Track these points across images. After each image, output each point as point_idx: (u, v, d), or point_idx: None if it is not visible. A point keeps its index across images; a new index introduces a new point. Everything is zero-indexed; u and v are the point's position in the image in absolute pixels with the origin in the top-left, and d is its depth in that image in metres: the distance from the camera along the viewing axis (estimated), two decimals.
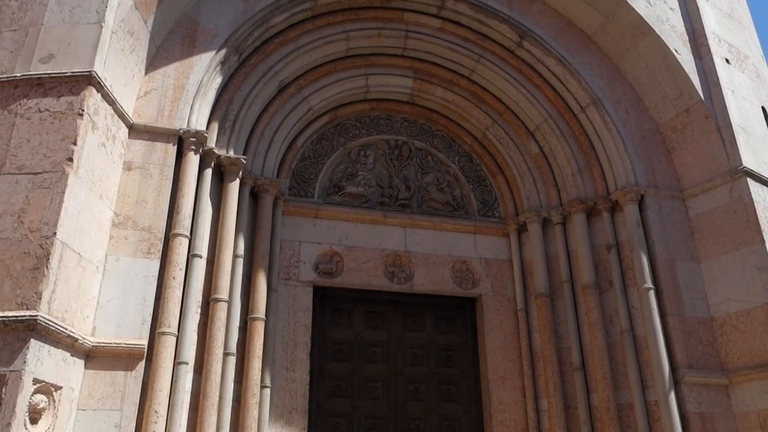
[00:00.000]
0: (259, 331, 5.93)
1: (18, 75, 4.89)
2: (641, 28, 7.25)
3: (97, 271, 4.91)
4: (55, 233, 4.35)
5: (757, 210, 6.36)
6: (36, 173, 4.56)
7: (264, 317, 6.03)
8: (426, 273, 7.09)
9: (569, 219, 7.15)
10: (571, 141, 7.35)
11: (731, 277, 6.38)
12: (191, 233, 5.59)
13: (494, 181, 7.79)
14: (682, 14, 7.49)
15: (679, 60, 7.12)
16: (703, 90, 7.03)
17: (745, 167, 6.56)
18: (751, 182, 6.53)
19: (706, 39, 7.25)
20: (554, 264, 7.11)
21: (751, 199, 6.41)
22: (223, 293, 5.67)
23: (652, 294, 6.38)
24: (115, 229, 5.17)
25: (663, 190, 6.94)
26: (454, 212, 7.53)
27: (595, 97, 7.23)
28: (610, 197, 6.97)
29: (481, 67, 7.52)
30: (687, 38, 7.36)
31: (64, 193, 4.49)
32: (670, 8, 7.47)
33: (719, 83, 7.00)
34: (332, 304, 6.92)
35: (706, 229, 6.70)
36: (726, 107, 6.89)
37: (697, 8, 7.45)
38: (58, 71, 4.91)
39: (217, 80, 6.19)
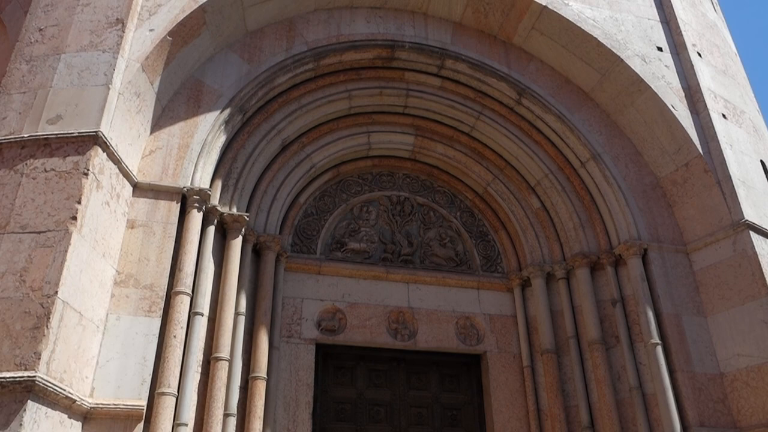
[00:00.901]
0: (260, 390, 5.82)
1: (25, 136, 4.98)
2: (638, 85, 7.39)
3: (98, 331, 4.86)
4: (56, 292, 4.34)
5: (761, 263, 6.33)
6: (39, 232, 4.58)
7: (265, 376, 5.93)
8: (430, 329, 7.01)
9: (573, 274, 7.12)
10: (572, 196, 7.38)
11: (739, 331, 6.29)
12: (193, 291, 5.56)
13: (497, 236, 7.79)
14: (677, 71, 7.65)
15: (677, 115, 7.23)
16: (701, 144, 7.10)
17: (747, 220, 6.56)
18: (754, 235, 6.52)
19: (702, 95, 7.38)
20: (559, 319, 7.03)
21: (755, 252, 6.39)
22: (224, 352, 5.60)
23: (659, 350, 6.28)
24: (116, 288, 5.15)
25: (666, 244, 6.93)
26: (457, 267, 7.50)
27: (595, 152, 7.31)
28: (613, 251, 6.96)
29: (481, 123, 7.64)
30: (683, 94, 7.49)
31: (66, 251, 4.50)
32: (666, 66, 7.63)
33: (717, 138, 7.08)
34: (335, 362, 6.81)
35: (712, 283, 6.65)
36: (725, 161, 6.94)
37: (692, 65, 7.61)
38: (65, 132, 5.00)
39: (221, 139, 6.28)
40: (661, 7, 8.21)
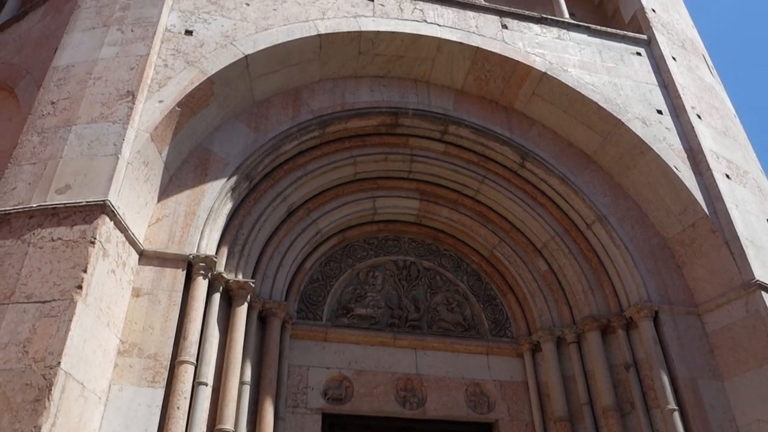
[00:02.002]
0: None
1: (34, 205, 5.02)
2: (640, 147, 7.47)
3: (100, 402, 4.75)
4: (59, 363, 4.27)
5: None
6: (44, 302, 4.55)
7: None
8: (439, 397, 6.84)
9: (584, 337, 6.99)
10: (580, 258, 7.34)
11: (758, 395, 6.11)
12: (197, 360, 5.46)
13: (505, 300, 7.70)
14: (678, 133, 7.74)
15: (680, 176, 7.26)
16: (706, 205, 7.10)
17: (758, 281, 6.48)
18: (766, 296, 6.42)
19: (705, 156, 7.44)
20: (572, 385, 6.85)
21: None
22: (228, 423, 5.44)
23: (677, 416, 6.08)
24: (120, 357, 5.07)
25: (677, 306, 6.82)
26: (466, 332, 7.38)
27: (601, 214, 7.31)
28: (623, 314, 6.85)
29: (485, 187, 7.69)
30: (685, 156, 7.55)
31: (71, 321, 4.45)
32: (666, 128, 7.73)
33: (722, 198, 7.09)
34: None
35: (726, 345, 6.50)
36: (731, 221, 6.92)
37: (692, 127, 7.70)
38: (73, 201, 5.04)
39: (228, 206, 6.32)
40: (658, 72, 8.39)
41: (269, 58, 6.89)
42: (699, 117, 7.93)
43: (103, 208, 5.02)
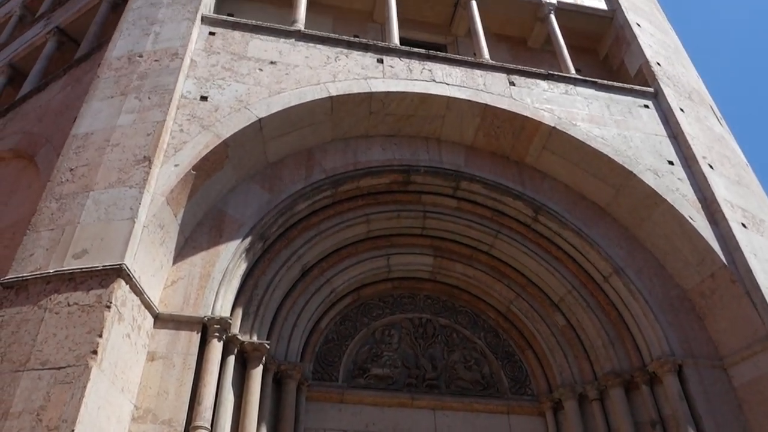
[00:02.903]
0: None
1: (51, 271, 5.05)
2: (653, 198, 7.45)
3: None
4: (72, 431, 4.20)
5: None
6: (59, 368, 4.52)
7: None
8: None
9: (606, 394, 6.80)
10: (598, 311, 7.22)
11: None
12: (212, 425, 5.36)
13: (523, 357, 7.55)
14: (690, 184, 7.72)
15: (696, 227, 7.20)
16: (724, 255, 7.01)
17: None
18: None
19: (719, 205, 7.39)
20: None
21: None
22: None
23: None
24: (134, 424, 4.98)
25: (702, 359, 6.65)
26: (485, 391, 7.22)
27: (617, 266, 7.23)
28: (646, 369, 6.68)
29: (499, 242, 7.66)
30: (699, 206, 7.51)
31: (85, 387, 4.41)
32: (678, 179, 7.72)
33: (740, 247, 7.00)
34: None
35: (754, 400, 6.29)
36: (751, 270, 6.81)
37: (705, 177, 7.68)
38: (89, 266, 5.07)
39: (243, 267, 6.33)
40: (667, 123, 8.45)
41: (282, 121, 7.03)
42: (711, 167, 7.92)
43: (119, 272, 5.04)
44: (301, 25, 8.30)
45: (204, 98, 6.85)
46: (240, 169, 6.81)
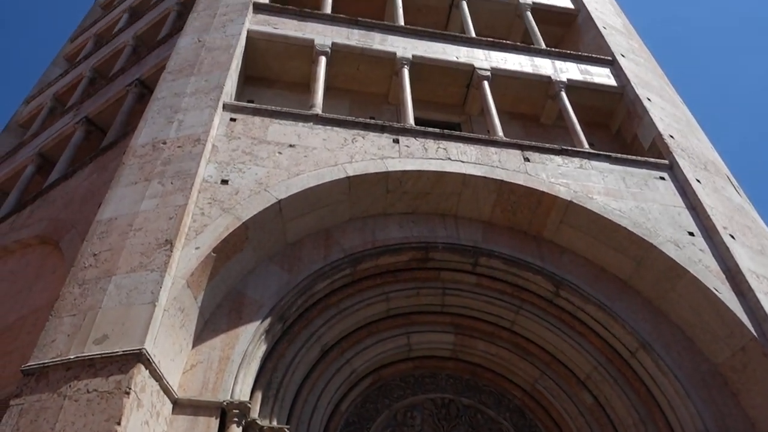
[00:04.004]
0: None
1: (71, 357, 5.05)
2: (675, 270, 7.35)
3: None
4: None
5: None
6: None
7: None
8: None
9: None
10: (626, 388, 7.00)
11: None
12: None
13: None
14: (713, 254, 7.62)
15: (722, 298, 7.06)
16: (754, 327, 6.83)
17: None
18: None
19: (744, 276, 7.25)
20: None
21: None
22: None
23: None
24: None
25: None
26: None
27: (644, 341, 7.05)
28: None
29: (521, 318, 7.55)
30: (724, 277, 7.38)
31: None
32: (700, 250, 7.63)
33: None
34: None
35: None
36: None
37: (727, 248, 7.59)
38: (109, 351, 5.07)
39: (262, 348, 6.28)
40: (684, 194, 8.44)
41: (301, 202, 7.15)
42: (732, 237, 7.84)
43: (138, 357, 5.03)
44: (318, 109, 8.58)
45: (225, 182, 7.01)
46: (259, 251, 6.88)
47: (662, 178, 8.66)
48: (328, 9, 11.06)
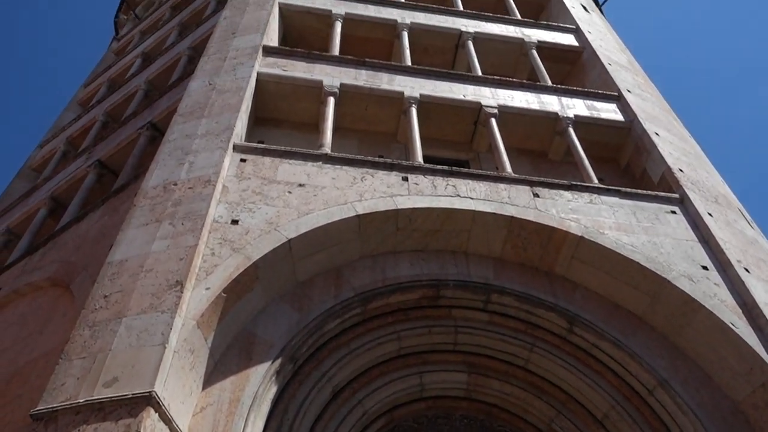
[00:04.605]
0: None
1: (81, 401, 5.00)
2: (690, 305, 7.24)
3: None
4: None
5: None
6: None
7: None
8: None
9: None
10: (646, 428, 6.83)
11: None
12: None
13: None
14: (728, 288, 7.51)
15: (739, 333, 6.93)
16: None
17: None
18: None
19: (761, 310, 7.13)
20: None
21: None
22: None
23: None
24: None
25: None
26: None
27: (661, 378, 6.91)
28: None
29: (535, 356, 7.44)
30: (740, 311, 7.26)
31: None
32: (715, 284, 7.53)
33: None
34: None
35: None
36: None
37: (742, 281, 7.49)
38: (119, 394, 5.01)
39: (272, 390, 6.20)
40: (696, 228, 8.37)
41: (311, 241, 7.15)
42: (747, 270, 7.74)
43: (148, 400, 4.97)
44: (327, 148, 8.65)
45: (235, 222, 7.04)
46: (270, 290, 6.86)
47: (673, 212, 8.61)
48: (336, 51, 11.25)
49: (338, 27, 12.06)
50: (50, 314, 7.50)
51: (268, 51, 10.47)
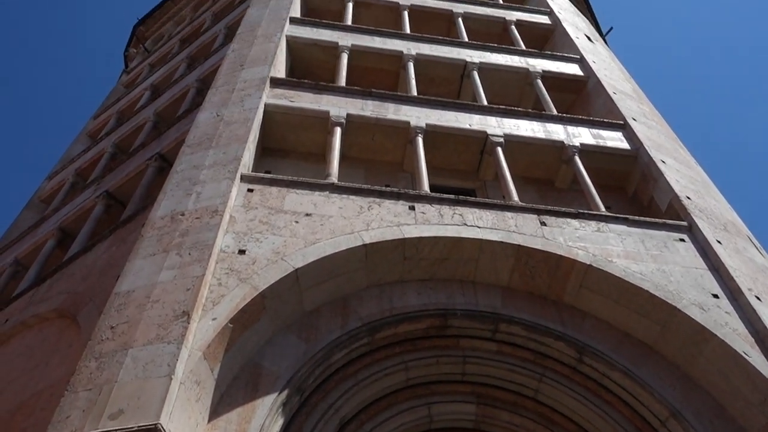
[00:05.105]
0: None
1: None
2: (702, 334, 7.15)
3: None
4: None
5: None
6: None
7: None
8: None
9: None
10: None
11: None
12: None
13: None
14: (740, 317, 7.42)
15: (752, 362, 6.82)
16: None
17: None
18: None
19: None
20: None
21: None
22: None
23: None
24: None
25: None
26: None
27: (673, 409, 6.79)
28: None
29: (544, 386, 7.34)
30: (753, 340, 7.16)
31: None
32: (726, 312, 7.45)
33: None
34: None
35: None
36: None
37: (754, 310, 7.40)
38: (125, 427, 4.96)
39: (279, 422, 6.13)
40: (706, 256, 8.31)
41: (318, 270, 7.13)
42: (758, 298, 7.66)
43: None
44: (334, 178, 8.68)
45: (242, 252, 7.04)
46: (276, 320, 6.82)
47: (682, 240, 8.56)
48: (342, 82, 11.37)
49: (345, 58, 12.21)
50: (56, 346, 7.47)
51: (276, 82, 10.59)
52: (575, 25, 15.76)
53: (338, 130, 9.88)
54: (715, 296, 7.67)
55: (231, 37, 13.24)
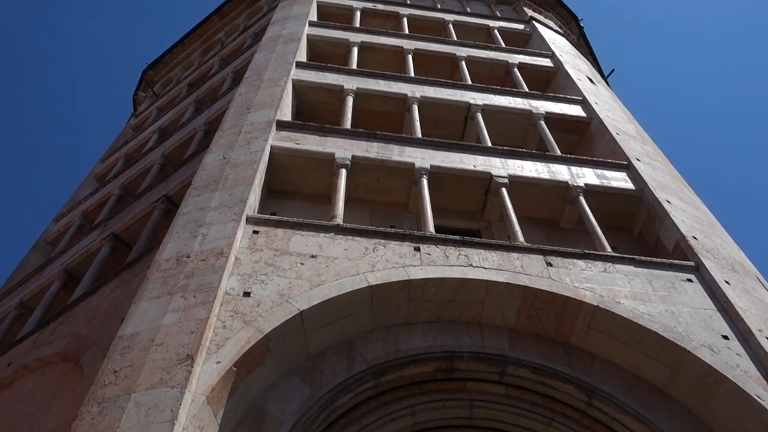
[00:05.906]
0: None
1: None
2: (713, 377, 7.03)
3: None
4: None
5: None
6: None
7: None
8: None
9: None
10: None
11: None
12: None
13: None
14: (751, 359, 7.30)
15: (765, 406, 6.68)
16: None
17: None
18: None
19: None
20: None
21: None
22: None
23: None
24: None
25: None
26: None
27: None
28: None
29: (553, 431, 7.19)
30: (765, 382, 7.03)
31: None
32: (737, 354, 7.33)
33: None
34: None
35: None
36: None
37: (766, 352, 7.28)
38: None
39: None
40: (714, 296, 8.23)
41: (323, 312, 7.09)
42: None
43: None
44: (339, 219, 8.70)
45: (247, 294, 7.01)
46: (281, 363, 6.75)
47: (690, 281, 8.49)
48: (347, 124, 11.50)
49: (350, 101, 12.38)
50: (59, 390, 7.39)
51: (282, 125, 10.72)
52: (577, 67, 15.98)
53: (343, 172, 9.95)
54: (725, 337, 7.56)
55: (238, 81, 13.46)
